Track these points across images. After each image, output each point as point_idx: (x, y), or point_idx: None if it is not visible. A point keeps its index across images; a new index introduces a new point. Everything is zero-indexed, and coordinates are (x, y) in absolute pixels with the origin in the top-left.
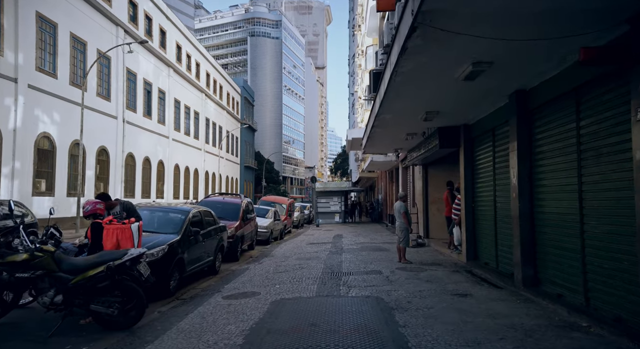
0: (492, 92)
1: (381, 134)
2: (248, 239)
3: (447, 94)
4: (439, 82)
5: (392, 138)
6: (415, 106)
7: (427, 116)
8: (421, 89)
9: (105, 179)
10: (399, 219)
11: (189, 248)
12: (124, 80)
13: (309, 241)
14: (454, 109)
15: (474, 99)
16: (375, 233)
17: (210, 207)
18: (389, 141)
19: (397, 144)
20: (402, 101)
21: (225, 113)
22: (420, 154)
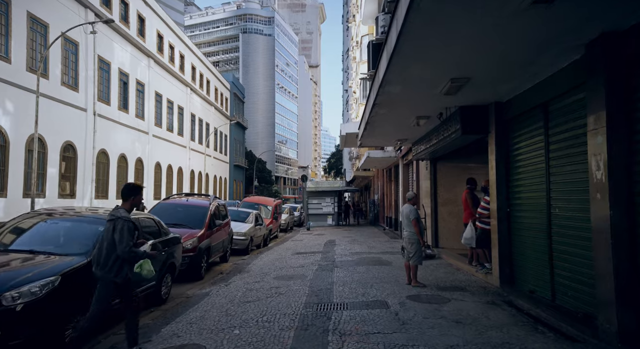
0: (562, 37)
1: (383, 118)
2: (218, 251)
3: (489, 45)
4: (483, 23)
5: (396, 124)
6: (437, 70)
7: (450, 87)
8: (452, 38)
9: (72, 177)
10: (408, 228)
11: None
12: (95, 69)
13: (296, 249)
14: (491, 75)
15: (529, 52)
16: (373, 239)
17: (165, 213)
18: (391, 128)
19: (402, 132)
20: (419, 63)
21: (213, 109)
22: (430, 146)
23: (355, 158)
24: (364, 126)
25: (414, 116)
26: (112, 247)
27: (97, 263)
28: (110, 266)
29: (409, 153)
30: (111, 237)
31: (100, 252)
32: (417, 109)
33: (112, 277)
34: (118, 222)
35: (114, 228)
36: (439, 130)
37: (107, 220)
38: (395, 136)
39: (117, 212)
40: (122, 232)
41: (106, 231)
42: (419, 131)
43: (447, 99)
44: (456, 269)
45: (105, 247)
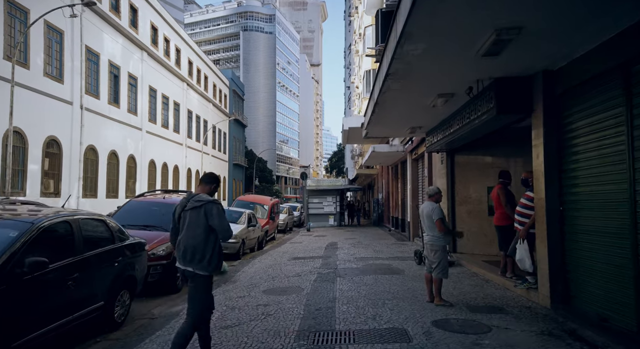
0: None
1: (396, 96)
2: None
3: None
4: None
5: (410, 106)
6: (481, 12)
7: (494, 43)
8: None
9: (57, 175)
10: (430, 231)
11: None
12: (82, 60)
13: (293, 253)
14: (554, 22)
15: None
16: (378, 241)
17: (136, 213)
18: (404, 112)
19: (416, 118)
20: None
21: (211, 106)
22: (449, 134)
23: (358, 155)
24: (371, 109)
25: (435, 94)
26: (206, 235)
27: (186, 257)
28: (209, 258)
29: (419, 146)
30: (205, 224)
31: (188, 244)
32: (440, 83)
33: (211, 269)
34: (210, 206)
35: (208, 214)
36: (463, 112)
37: (191, 208)
38: (407, 123)
39: (202, 197)
40: (221, 216)
41: (190, 218)
42: (436, 116)
43: (481, 66)
44: (484, 280)
45: (195, 236)
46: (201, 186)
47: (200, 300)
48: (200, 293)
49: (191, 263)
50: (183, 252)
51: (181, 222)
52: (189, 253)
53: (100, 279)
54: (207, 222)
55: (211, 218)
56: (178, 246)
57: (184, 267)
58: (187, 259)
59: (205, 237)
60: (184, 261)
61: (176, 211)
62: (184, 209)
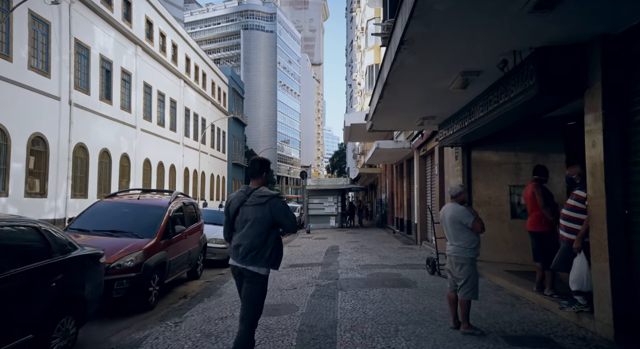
0: None
1: (409, 75)
2: (182, 266)
3: None
4: None
5: (426, 88)
6: None
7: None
8: None
9: (43, 174)
10: (455, 240)
11: None
12: (71, 54)
13: (290, 259)
14: None
15: None
16: (383, 244)
17: (103, 216)
18: (417, 97)
19: (430, 105)
20: None
21: (209, 104)
22: (470, 123)
23: (360, 154)
24: (378, 94)
25: (457, 72)
26: (269, 232)
27: (247, 255)
28: (268, 256)
29: (428, 141)
30: (269, 221)
31: (249, 242)
32: (467, 57)
33: (272, 267)
34: (275, 201)
35: (274, 209)
36: (489, 96)
37: (254, 204)
38: (418, 112)
39: (264, 192)
40: (288, 211)
41: (252, 215)
42: (454, 103)
43: (522, 30)
44: (513, 296)
45: (259, 234)
46: (255, 180)
47: (259, 301)
48: (258, 293)
49: (252, 262)
50: (243, 251)
51: (238, 218)
52: (250, 251)
53: (26, 306)
54: (272, 219)
55: (278, 214)
56: (235, 244)
57: (242, 266)
58: (248, 257)
59: (268, 234)
60: (244, 259)
61: (231, 206)
62: (242, 204)
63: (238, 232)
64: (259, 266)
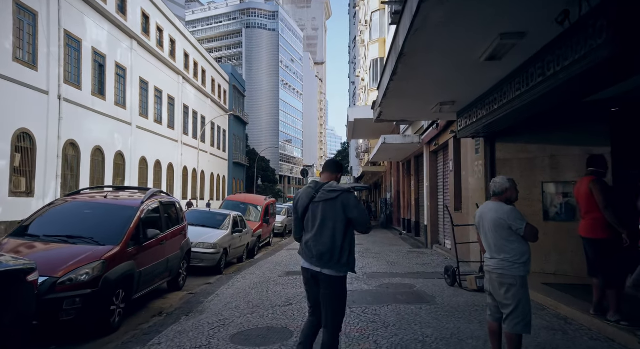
0: None
1: (432, 41)
2: (158, 276)
3: None
4: None
5: (450, 61)
6: None
7: None
8: None
9: (30, 172)
10: (500, 251)
11: None
12: (60, 46)
13: (288, 265)
14: None
15: None
16: (390, 248)
17: (58, 218)
18: (439, 73)
19: (453, 84)
20: None
21: (209, 101)
22: (504, 105)
23: (364, 152)
24: (390, 69)
25: (495, 35)
26: (344, 231)
27: (321, 258)
28: (347, 257)
29: (441, 135)
30: (342, 218)
31: (323, 242)
32: (514, 8)
33: (348, 269)
34: (347, 196)
35: (346, 205)
36: (532, 67)
37: (324, 200)
38: (437, 94)
39: (335, 186)
40: (360, 207)
41: (323, 212)
42: (483, 80)
43: None
44: (560, 319)
45: (332, 234)
46: (326, 174)
47: (340, 305)
48: (338, 298)
49: (327, 265)
50: (316, 253)
51: (308, 216)
52: (324, 253)
53: None
54: (345, 216)
55: (349, 210)
56: (307, 245)
57: (317, 269)
58: (323, 260)
59: (343, 234)
60: (319, 262)
61: (299, 203)
62: (312, 201)
63: (309, 233)
64: (335, 269)
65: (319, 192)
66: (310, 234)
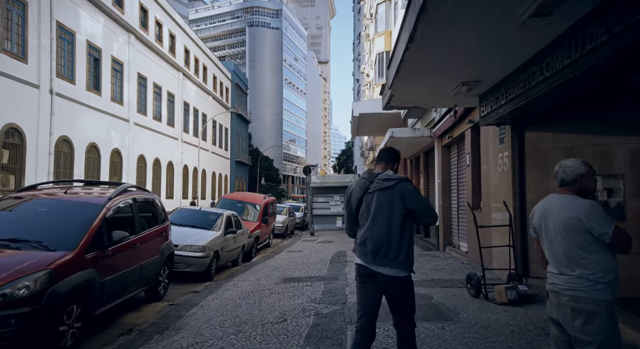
0: None
1: None
2: (131, 286)
3: None
4: None
5: (486, 16)
6: None
7: None
8: None
9: (20, 169)
10: (573, 266)
11: None
12: (52, 38)
13: (286, 269)
14: None
15: None
16: None
17: (4, 218)
18: (468, 37)
19: (483, 55)
20: None
21: (210, 99)
22: (546, 79)
23: (369, 149)
24: (408, 32)
25: None
26: (402, 224)
27: (378, 254)
28: (405, 253)
29: (456, 126)
30: (401, 209)
31: (380, 237)
32: None
33: (410, 267)
34: (405, 185)
35: (405, 194)
36: (592, 26)
37: (379, 189)
38: (462, 69)
39: (391, 175)
40: (421, 197)
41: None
42: (522, 47)
43: None
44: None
45: (390, 226)
46: (381, 165)
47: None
48: (406, 293)
49: (383, 261)
50: (371, 248)
51: (362, 209)
52: (379, 247)
53: None
54: (405, 206)
55: (409, 200)
56: (363, 241)
57: (375, 269)
58: (379, 255)
59: (402, 226)
60: (374, 259)
61: (352, 196)
62: (366, 192)
63: (363, 227)
64: (396, 268)
65: (374, 182)
66: (364, 227)
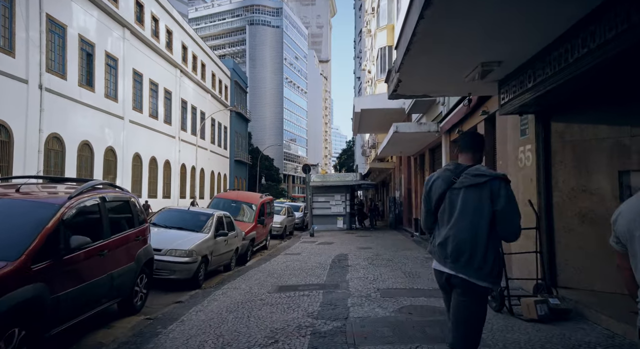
0: None
1: None
2: (98, 300)
3: None
4: None
5: None
6: None
7: None
8: None
9: (7, 167)
10: None
11: None
12: (41, 31)
13: (282, 275)
14: None
15: None
16: (403, 252)
17: None
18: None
19: (510, 24)
20: None
21: (209, 97)
22: (591, 52)
23: (371, 147)
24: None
25: None
26: (490, 227)
27: (458, 257)
28: (492, 263)
29: (467, 119)
30: (489, 211)
31: (461, 239)
32: None
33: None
34: (498, 184)
35: (495, 194)
36: None
37: (466, 185)
38: (482, 48)
39: (482, 170)
40: (513, 201)
41: (464, 200)
42: (557, 21)
43: None
44: None
45: (473, 228)
46: (466, 154)
47: (477, 322)
48: (475, 311)
49: (465, 268)
50: (452, 252)
51: (444, 206)
52: (462, 253)
53: None
54: (493, 208)
55: (498, 201)
56: (442, 242)
57: (451, 272)
58: (460, 262)
59: (489, 230)
60: (454, 264)
61: (433, 189)
62: (450, 187)
63: (443, 227)
64: (475, 276)
65: (461, 176)
66: (445, 228)
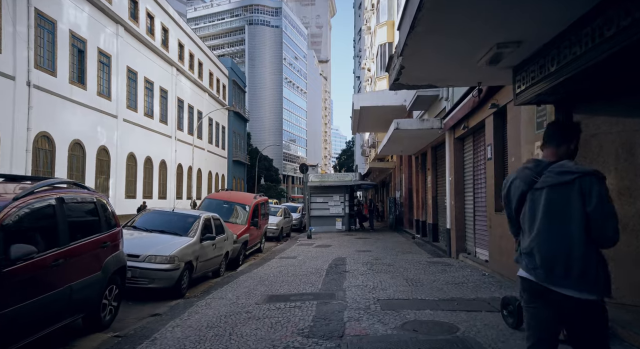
0: None
1: None
2: (54, 317)
3: None
4: None
5: None
6: None
7: None
8: None
9: None
10: None
11: None
12: (30, 26)
13: (274, 283)
14: None
15: None
16: (403, 256)
17: None
18: None
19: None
20: None
21: (206, 96)
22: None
23: (370, 147)
24: None
25: None
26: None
27: (555, 270)
28: (595, 269)
29: (474, 113)
30: (581, 213)
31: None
32: None
33: (602, 289)
34: (589, 182)
35: (587, 193)
36: None
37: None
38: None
39: (568, 166)
40: (606, 201)
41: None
42: None
43: None
44: None
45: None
46: (550, 148)
47: (603, 343)
48: (597, 331)
49: (563, 282)
50: (545, 264)
51: (525, 208)
52: (554, 263)
53: None
54: (585, 209)
55: (590, 201)
56: (529, 252)
57: (548, 286)
58: (554, 273)
59: (583, 236)
60: (547, 277)
61: (512, 190)
62: (531, 188)
63: (526, 234)
64: (584, 289)
65: (543, 174)
66: (531, 234)
